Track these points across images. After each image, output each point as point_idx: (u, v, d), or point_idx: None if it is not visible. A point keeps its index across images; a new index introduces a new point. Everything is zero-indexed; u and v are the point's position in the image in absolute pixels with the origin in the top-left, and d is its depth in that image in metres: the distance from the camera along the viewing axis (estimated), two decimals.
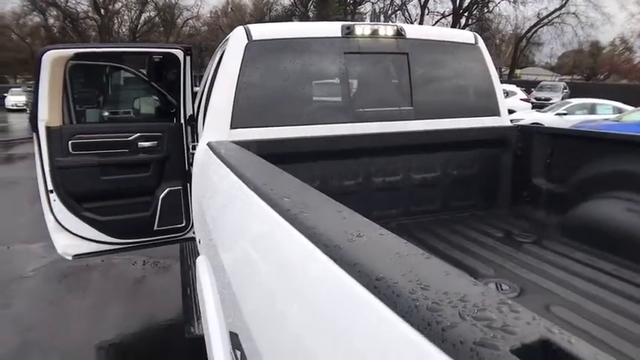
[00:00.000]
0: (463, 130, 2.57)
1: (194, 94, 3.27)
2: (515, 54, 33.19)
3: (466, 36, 2.77)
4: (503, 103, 2.81)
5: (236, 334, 0.81)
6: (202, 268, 1.34)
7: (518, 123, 2.95)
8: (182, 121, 3.14)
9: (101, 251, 3.13)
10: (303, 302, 0.62)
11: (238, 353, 0.80)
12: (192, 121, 3.15)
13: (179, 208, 3.22)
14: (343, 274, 0.55)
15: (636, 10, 37.36)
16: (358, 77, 2.50)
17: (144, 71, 3.25)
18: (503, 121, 2.76)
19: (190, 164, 3.17)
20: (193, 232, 3.30)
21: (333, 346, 0.54)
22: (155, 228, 3.17)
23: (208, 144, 1.99)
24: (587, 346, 0.39)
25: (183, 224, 3.27)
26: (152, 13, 38.29)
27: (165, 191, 3.14)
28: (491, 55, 2.86)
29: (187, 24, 39.49)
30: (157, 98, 3.44)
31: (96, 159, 2.89)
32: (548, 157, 2.53)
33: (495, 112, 2.74)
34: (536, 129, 2.75)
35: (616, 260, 1.94)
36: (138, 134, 2.99)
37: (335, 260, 0.57)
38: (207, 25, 40.12)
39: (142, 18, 37.90)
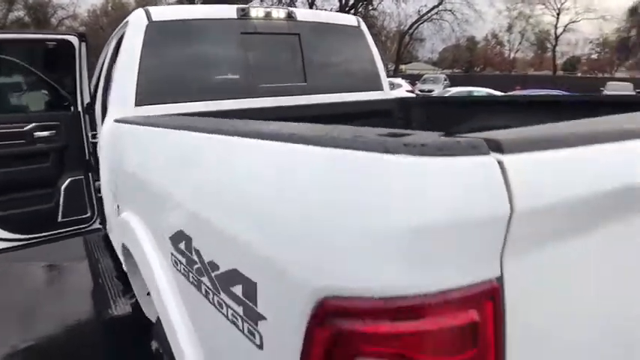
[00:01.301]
0: (351, 103, 2.88)
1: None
2: (399, 50, 35.23)
3: (350, 19, 3.09)
4: (385, 80, 3.18)
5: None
6: (136, 226, 1.42)
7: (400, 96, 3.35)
8: (80, 109, 3.12)
9: (4, 249, 3.00)
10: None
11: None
12: (90, 109, 3.14)
13: (83, 199, 3.18)
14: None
15: (503, 7, 41.61)
16: (256, 56, 2.70)
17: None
18: (386, 94, 3.12)
19: (91, 153, 3.16)
20: (99, 223, 3.29)
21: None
22: (59, 220, 3.11)
23: (118, 120, 2.09)
24: None
25: (88, 214, 3.23)
26: (21, 12, 34.97)
27: (67, 181, 3.09)
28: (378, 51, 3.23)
29: (63, 24, 36.59)
30: (46, 92, 3.36)
31: None
32: (425, 122, 2.93)
33: (379, 87, 3.10)
34: (413, 99, 3.15)
35: None
36: (33, 124, 2.92)
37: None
38: (85, 25, 37.51)
39: (10, 18, 34.45)
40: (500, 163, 0.51)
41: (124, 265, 2.44)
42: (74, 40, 2.89)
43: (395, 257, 0.51)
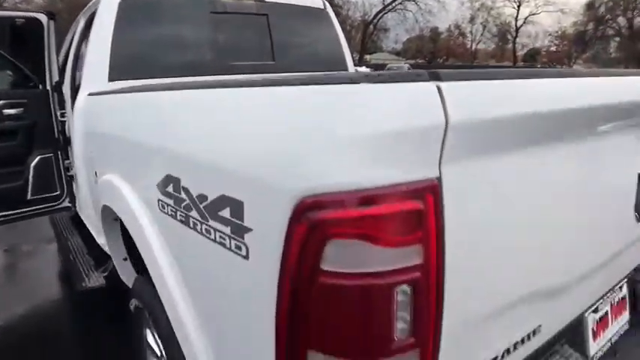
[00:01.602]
0: None
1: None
2: (363, 39, 35.61)
3: (316, 2, 3.22)
4: (350, 60, 3.32)
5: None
6: (119, 184, 1.51)
7: None
8: (48, 87, 3.13)
9: None
10: None
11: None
12: (59, 88, 3.15)
13: (52, 176, 3.20)
14: None
15: None
16: (225, 35, 2.79)
17: None
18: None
19: (60, 131, 3.18)
20: (69, 202, 3.32)
21: None
22: (29, 197, 3.12)
23: (92, 93, 2.17)
24: None
25: (58, 192, 3.26)
26: None
27: (37, 159, 3.10)
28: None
29: (18, 8, 35.10)
30: (10, 72, 3.34)
31: None
32: None
33: (345, 67, 3.25)
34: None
35: None
36: (1, 102, 2.92)
37: None
38: (43, 9, 36.01)
39: None
40: (438, 87, 0.66)
41: (98, 236, 2.52)
42: (43, 18, 2.90)
43: (357, 159, 0.65)
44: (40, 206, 3.21)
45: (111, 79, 2.37)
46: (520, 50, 47.64)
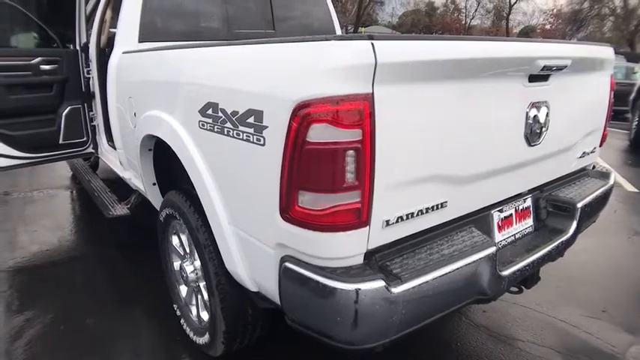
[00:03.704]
0: None
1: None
2: (359, 12, 35.65)
3: None
4: (338, 27, 3.88)
5: None
6: (162, 115, 2.08)
7: None
8: (77, 47, 3.64)
9: (12, 166, 3.53)
10: None
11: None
12: (86, 48, 3.66)
13: (80, 125, 3.74)
14: None
15: None
16: (232, 6, 3.32)
17: None
18: None
19: (86, 86, 3.70)
20: (92, 148, 3.87)
21: None
22: (60, 142, 3.65)
23: (126, 52, 2.72)
24: None
25: (84, 139, 3.80)
26: None
27: (68, 109, 3.63)
28: (337, 13, 3.91)
29: None
30: (36, 35, 3.83)
31: (4, 79, 3.28)
32: None
33: (333, 33, 3.80)
34: None
35: None
36: (39, 58, 3.42)
37: None
38: None
39: None
40: (372, 43, 1.22)
41: (123, 172, 3.08)
42: None
43: (327, 81, 1.22)
44: (70, 150, 3.75)
45: (140, 41, 2.89)
46: (516, 27, 47.86)
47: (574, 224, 2.08)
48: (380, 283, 1.31)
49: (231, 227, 1.70)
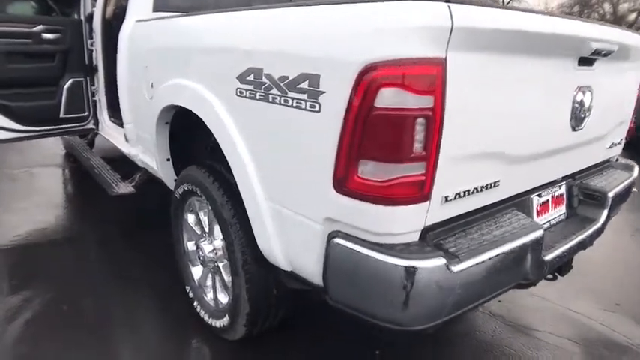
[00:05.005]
0: None
1: None
2: None
3: None
4: None
5: None
6: (189, 84, 1.96)
7: None
8: (82, 17, 3.48)
9: (10, 139, 3.36)
10: None
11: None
12: (91, 19, 3.50)
13: (82, 99, 3.58)
14: None
15: None
16: None
17: None
18: None
19: (90, 59, 3.54)
20: (93, 124, 3.72)
21: None
22: (61, 116, 3.50)
23: (139, 20, 2.59)
24: None
25: (86, 113, 3.64)
26: None
27: (70, 82, 3.47)
28: None
29: None
30: (35, 4, 3.66)
31: (3, 47, 3.11)
32: None
33: None
34: None
35: None
36: (42, 26, 3.25)
37: None
38: None
39: None
40: (449, 6, 1.14)
41: (129, 148, 2.95)
42: None
43: (401, 42, 1.14)
44: (70, 125, 3.60)
45: (154, 10, 2.76)
46: None
47: (604, 213, 2.05)
48: (441, 261, 1.25)
49: (268, 203, 1.61)
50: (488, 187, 1.48)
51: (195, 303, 2.33)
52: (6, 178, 4.46)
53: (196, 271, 2.36)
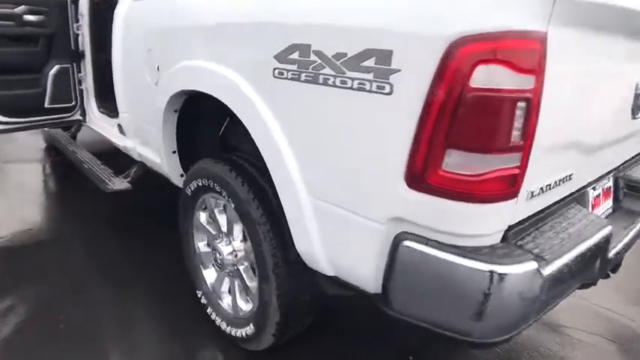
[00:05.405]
0: None
1: None
2: None
3: None
4: None
5: None
6: (211, 66, 1.73)
7: None
8: None
9: None
10: None
11: None
12: (77, 0, 3.20)
13: (69, 87, 3.29)
14: None
15: None
16: None
17: None
18: None
19: (76, 44, 3.25)
20: (80, 115, 3.43)
21: None
22: (46, 105, 3.20)
23: None
24: None
25: (73, 103, 3.35)
26: None
27: (55, 68, 3.17)
28: None
29: None
30: None
31: None
32: None
33: None
34: None
35: None
36: (24, 7, 2.95)
37: None
38: None
39: None
40: None
41: (123, 141, 2.71)
42: None
43: (500, 14, 0.96)
44: (55, 116, 3.30)
45: None
46: None
47: None
48: (533, 265, 1.09)
49: (311, 200, 1.42)
50: (565, 179, 1.33)
51: (209, 310, 2.12)
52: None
53: (209, 275, 2.15)
